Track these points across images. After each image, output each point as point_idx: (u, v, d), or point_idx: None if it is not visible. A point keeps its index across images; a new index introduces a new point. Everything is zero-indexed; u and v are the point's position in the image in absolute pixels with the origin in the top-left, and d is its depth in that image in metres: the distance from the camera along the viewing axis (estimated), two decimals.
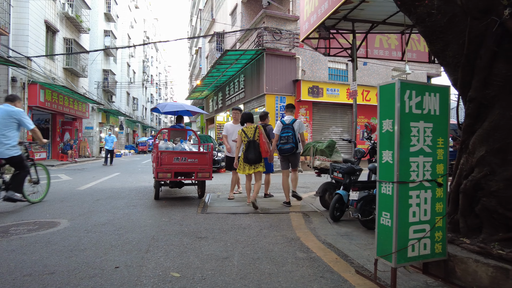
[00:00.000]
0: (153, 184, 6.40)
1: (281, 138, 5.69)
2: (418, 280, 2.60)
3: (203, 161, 5.95)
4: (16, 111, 5.14)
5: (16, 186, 5.15)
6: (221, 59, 15.01)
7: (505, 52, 2.65)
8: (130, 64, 35.77)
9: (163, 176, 5.74)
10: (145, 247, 3.35)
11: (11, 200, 5.06)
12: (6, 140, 4.97)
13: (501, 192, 2.58)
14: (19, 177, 5.20)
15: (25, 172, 5.31)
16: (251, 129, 5.57)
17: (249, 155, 5.45)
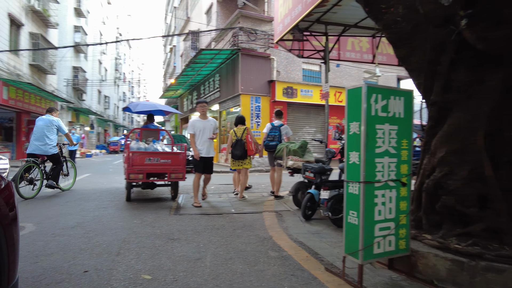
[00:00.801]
0: (125, 185, 6.27)
1: (268, 136, 6.61)
2: (384, 276, 2.72)
3: (176, 161, 5.91)
4: (55, 120, 6.82)
5: (54, 176, 6.84)
6: (196, 58, 14.89)
7: (463, 59, 2.82)
8: (101, 61, 34.67)
9: (135, 177, 5.66)
10: (115, 250, 3.29)
11: (51, 187, 6.72)
12: (49, 141, 6.61)
13: (459, 190, 2.75)
14: (56, 170, 6.89)
15: (60, 166, 6.97)
16: (241, 130, 6.35)
17: (235, 151, 6.27)
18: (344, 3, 6.37)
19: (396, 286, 2.53)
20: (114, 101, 42.67)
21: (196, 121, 5.75)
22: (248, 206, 5.66)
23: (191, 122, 5.73)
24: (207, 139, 5.71)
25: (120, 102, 47.61)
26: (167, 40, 38.91)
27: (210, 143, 5.74)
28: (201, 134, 5.66)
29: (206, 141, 5.68)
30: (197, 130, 5.67)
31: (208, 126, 5.74)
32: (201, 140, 5.67)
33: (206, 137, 5.68)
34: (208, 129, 5.71)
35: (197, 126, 5.69)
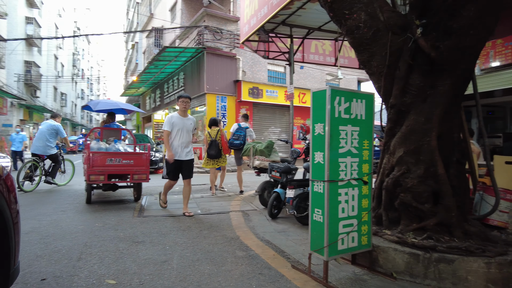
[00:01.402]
0: (85, 187, 6.01)
1: (234, 135, 7.02)
2: (348, 271, 2.84)
3: (140, 162, 5.76)
4: (56, 125, 7.76)
5: (52, 173, 7.82)
6: (159, 56, 14.53)
7: (418, 65, 3.02)
8: (58, 56, 32.77)
9: (96, 179, 5.44)
10: (76, 255, 3.15)
11: (49, 182, 7.68)
12: (49, 143, 7.59)
13: (415, 188, 2.94)
14: (55, 168, 7.86)
15: (58, 164, 7.94)
16: (215, 131, 6.75)
17: (211, 151, 6.64)
18: (309, 6, 6.54)
19: (359, 280, 2.66)
20: (71, 99, 40.51)
21: (174, 117, 5.02)
22: (214, 207, 5.64)
23: (168, 118, 5.00)
24: (186, 140, 5.05)
25: (78, 100, 45.30)
26: (129, 36, 37.59)
27: (188, 144, 5.09)
28: (179, 133, 4.99)
29: (184, 142, 5.02)
30: (175, 128, 4.97)
31: (188, 125, 5.07)
32: (179, 140, 4.98)
33: (184, 137, 5.02)
34: (187, 129, 5.06)
35: (175, 123, 4.98)
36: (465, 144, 3.28)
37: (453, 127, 3.09)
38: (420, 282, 2.61)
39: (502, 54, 6.68)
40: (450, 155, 3.05)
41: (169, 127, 4.96)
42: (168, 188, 5.29)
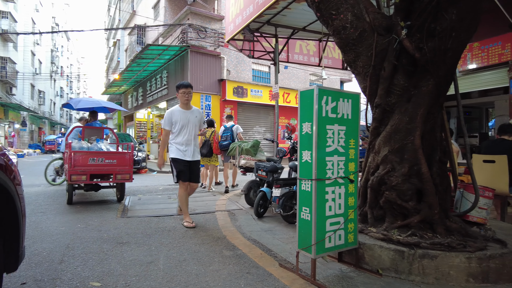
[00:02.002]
0: (66, 187, 5.87)
1: (222, 137, 7.30)
2: (334, 268, 2.88)
3: (123, 162, 5.69)
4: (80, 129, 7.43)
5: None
6: (142, 53, 14.29)
7: (402, 66, 3.08)
8: (35, 52, 31.73)
9: (77, 179, 5.32)
10: (58, 258, 3.06)
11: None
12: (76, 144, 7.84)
13: (399, 186, 3.00)
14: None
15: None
16: (210, 132, 7.23)
17: (203, 150, 7.05)
18: (294, 6, 6.57)
19: (346, 277, 2.69)
20: (50, 97, 39.34)
21: (175, 112, 4.31)
22: (200, 206, 5.59)
23: (168, 114, 4.28)
24: (193, 137, 4.39)
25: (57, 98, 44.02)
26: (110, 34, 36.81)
27: (196, 142, 4.47)
28: (183, 130, 4.29)
29: (192, 140, 4.37)
30: (177, 125, 4.28)
31: (193, 119, 4.37)
32: (185, 137, 4.30)
33: (192, 134, 4.35)
34: (193, 123, 4.36)
35: (177, 119, 4.28)
36: (446, 143, 3.37)
37: (436, 126, 3.17)
38: (405, 278, 2.67)
39: (478, 57, 6.92)
40: (432, 154, 3.13)
41: (169, 125, 4.29)
42: (185, 197, 4.42)
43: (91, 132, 6.57)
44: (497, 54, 6.53)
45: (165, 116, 4.31)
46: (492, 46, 6.60)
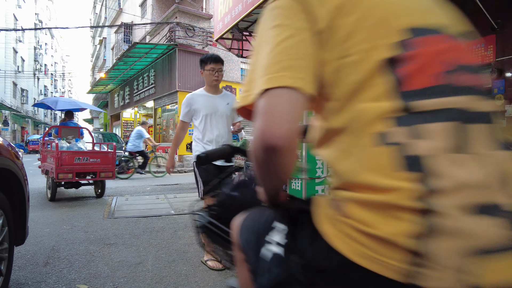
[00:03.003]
0: (47, 185, 6.10)
1: None
2: None
3: (106, 160, 6.07)
4: (140, 130, 10.06)
5: (142, 166, 10.23)
6: (129, 52, 14.11)
7: None
8: (17, 50, 30.96)
9: (64, 177, 5.59)
10: (43, 260, 2.99)
11: (140, 173, 10.15)
12: (135, 143, 9.91)
13: None
14: (144, 162, 10.25)
15: (147, 159, 10.24)
16: None
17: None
18: None
19: None
20: (33, 95, 38.45)
21: (198, 96, 3.03)
22: (188, 207, 5.55)
23: (188, 99, 3.01)
24: (226, 132, 3.01)
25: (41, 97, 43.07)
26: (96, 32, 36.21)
27: (228, 138, 3.07)
28: (209, 122, 2.94)
29: (224, 136, 2.99)
30: (199, 114, 2.96)
31: (223, 107, 3.01)
32: (215, 132, 2.93)
33: (223, 128, 2.99)
34: (223, 113, 3.00)
35: (201, 106, 2.96)
36: None
37: None
38: None
39: None
40: None
41: (187, 116, 3.00)
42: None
43: (68, 132, 6.74)
44: (480, 56, 6.68)
45: (183, 102, 3.03)
46: (475, 48, 6.76)
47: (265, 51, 0.65)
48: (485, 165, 0.55)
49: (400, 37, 0.61)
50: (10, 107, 27.40)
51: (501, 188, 0.54)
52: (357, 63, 0.61)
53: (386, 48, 0.60)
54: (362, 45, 0.61)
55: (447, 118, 0.56)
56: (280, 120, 0.59)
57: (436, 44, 0.61)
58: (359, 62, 0.61)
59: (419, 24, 0.62)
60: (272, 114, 0.59)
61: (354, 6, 0.63)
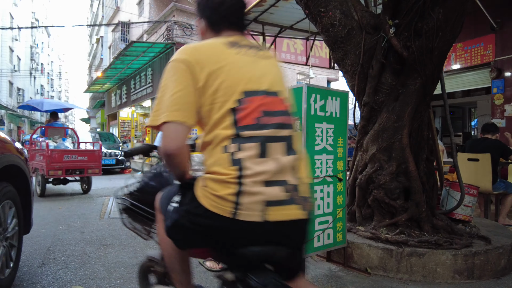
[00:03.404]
0: (36, 182, 6.43)
1: None
2: (323, 268, 2.86)
3: (93, 158, 6.64)
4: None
5: None
6: (126, 51, 14.01)
7: (390, 64, 3.09)
8: (13, 48, 30.73)
9: (54, 173, 6.13)
10: (38, 261, 2.94)
11: None
12: None
13: (387, 184, 3.01)
14: None
15: None
16: None
17: None
18: (281, 4, 6.54)
19: (335, 276, 2.68)
20: (30, 95, 38.18)
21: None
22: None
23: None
24: None
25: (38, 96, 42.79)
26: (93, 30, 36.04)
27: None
28: None
29: None
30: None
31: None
32: None
33: None
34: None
35: None
36: (433, 142, 3.41)
37: (423, 125, 3.19)
38: (393, 276, 2.68)
39: (462, 58, 7.05)
40: (420, 153, 3.15)
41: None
42: None
43: (54, 132, 7.17)
44: (479, 55, 6.67)
45: None
46: (474, 47, 6.74)
47: (168, 94, 1.08)
48: (279, 162, 1.05)
49: (238, 97, 1.07)
50: (6, 107, 27.21)
51: (291, 173, 1.07)
52: (218, 108, 1.07)
53: (231, 102, 1.07)
54: (221, 98, 1.07)
55: (256, 141, 1.04)
56: (172, 140, 1.05)
57: (257, 101, 1.08)
58: (219, 108, 1.07)
59: (249, 89, 1.09)
60: (168, 136, 1.06)
61: (218, 74, 1.08)
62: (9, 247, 2.35)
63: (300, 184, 1.09)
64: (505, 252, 2.83)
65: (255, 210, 0.99)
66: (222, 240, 1.06)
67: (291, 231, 1.07)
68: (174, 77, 1.09)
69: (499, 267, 2.79)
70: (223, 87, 1.07)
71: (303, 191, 1.09)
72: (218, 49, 1.14)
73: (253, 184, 1.00)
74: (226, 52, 1.13)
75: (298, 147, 1.14)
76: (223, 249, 1.08)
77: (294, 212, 1.04)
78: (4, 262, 2.26)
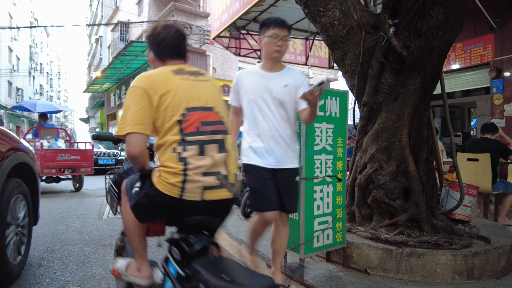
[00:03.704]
0: None
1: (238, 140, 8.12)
2: (323, 268, 2.85)
3: (85, 157, 6.97)
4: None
5: None
6: (125, 50, 14.00)
7: (390, 64, 3.08)
8: (12, 48, 30.66)
9: (48, 172, 6.45)
10: (36, 262, 2.93)
11: None
12: None
13: (387, 184, 3.00)
14: None
15: None
16: None
17: None
18: (281, 4, 6.53)
19: (334, 277, 2.67)
20: (29, 94, 38.10)
21: (247, 74, 2.37)
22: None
23: (236, 78, 2.38)
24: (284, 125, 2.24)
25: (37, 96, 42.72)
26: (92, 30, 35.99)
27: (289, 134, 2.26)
28: (257, 109, 2.24)
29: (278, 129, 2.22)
30: (245, 99, 2.31)
31: (278, 88, 2.22)
32: (258, 123, 2.24)
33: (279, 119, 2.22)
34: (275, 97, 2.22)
35: (248, 87, 2.30)
36: (432, 141, 3.40)
37: (422, 125, 3.18)
38: (393, 277, 2.67)
39: (461, 58, 7.05)
40: (419, 152, 3.14)
41: (236, 99, 2.38)
42: (256, 234, 2.49)
43: (46, 132, 7.50)
44: (479, 55, 6.67)
45: (234, 84, 2.38)
46: (474, 47, 6.74)
47: (131, 112, 1.42)
48: (214, 159, 1.41)
49: (183, 112, 1.43)
50: (5, 106, 27.15)
51: (223, 166, 1.44)
52: (168, 120, 1.42)
53: (178, 116, 1.42)
54: (170, 113, 1.42)
55: (197, 144, 1.40)
56: (134, 146, 1.41)
57: (196, 114, 1.44)
58: (169, 120, 1.42)
59: (191, 106, 1.45)
60: (131, 144, 1.41)
61: (168, 96, 1.44)
62: (21, 235, 2.67)
63: (229, 174, 1.47)
64: (505, 252, 2.82)
65: (195, 192, 1.37)
66: (172, 213, 1.43)
67: (220, 207, 1.46)
68: (134, 99, 1.44)
69: (498, 267, 2.78)
70: (171, 105, 1.43)
71: (231, 179, 1.47)
72: (166, 76, 1.51)
73: (194, 175, 1.37)
74: (173, 78, 1.50)
75: (229, 147, 1.51)
76: (173, 218, 1.45)
77: (223, 193, 1.43)
78: (16, 250, 2.55)
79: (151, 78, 1.48)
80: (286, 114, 2.23)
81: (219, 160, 1.44)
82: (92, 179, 9.22)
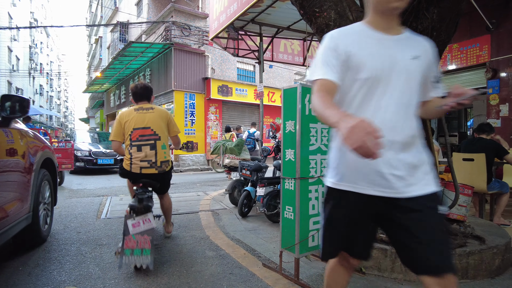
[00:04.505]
0: None
1: (246, 141, 8.51)
2: (318, 268, 2.87)
3: (66, 155, 7.72)
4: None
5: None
6: (124, 51, 14.01)
7: None
8: (12, 48, 30.66)
9: None
10: (33, 262, 2.94)
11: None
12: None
13: None
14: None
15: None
16: (228, 135, 9.63)
17: None
18: (278, 5, 6.55)
19: None
20: (28, 95, 38.07)
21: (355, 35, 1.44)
22: (183, 207, 5.51)
23: (335, 39, 1.45)
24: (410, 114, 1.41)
25: (37, 96, 42.70)
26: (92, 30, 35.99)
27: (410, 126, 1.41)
28: (376, 90, 1.36)
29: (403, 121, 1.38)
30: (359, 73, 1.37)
31: (405, 59, 1.37)
32: (376, 111, 1.36)
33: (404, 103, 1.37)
34: (404, 72, 1.36)
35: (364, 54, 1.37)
36: (428, 142, 3.41)
37: None
38: (388, 276, 2.68)
39: (457, 58, 7.08)
40: None
41: (335, 70, 1.41)
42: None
43: None
44: (475, 56, 6.69)
45: (322, 45, 1.51)
46: (470, 48, 6.76)
47: (112, 130, 3.30)
48: (146, 153, 3.18)
49: (131, 130, 3.19)
50: None
51: (154, 157, 3.22)
52: (126, 134, 3.23)
53: (129, 132, 3.20)
54: (127, 131, 3.21)
55: (137, 145, 3.17)
56: (113, 146, 3.33)
57: (138, 131, 3.19)
58: (127, 134, 3.22)
59: (136, 127, 3.19)
60: (113, 145, 3.35)
61: (128, 122, 3.22)
62: (47, 211, 3.67)
63: (157, 161, 3.17)
64: (500, 252, 2.84)
65: (136, 169, 3.12)
66: (130, 177, 3.21)
67: (151, 177, 3.16)
68: (115, 124, 3.26)
69: (493, 266, 2.80)
70: (127, 127, 3.20)
71: (158, 164, 3.17)
72: (129, 112, 3.26)
73: (135, 161, 3.12)
74: (133, 113, 3.24)
75: (158, 148, 3.20)
76: (132, 180, 3.18)
77: (152, 170, 3.15)
78: (44, 221, 3.52)
79: (123, 114, 3.27)
80: (409, 98, 1.41)
81: (149, 154, 3.15)
82: (92, 179, 9.24)
